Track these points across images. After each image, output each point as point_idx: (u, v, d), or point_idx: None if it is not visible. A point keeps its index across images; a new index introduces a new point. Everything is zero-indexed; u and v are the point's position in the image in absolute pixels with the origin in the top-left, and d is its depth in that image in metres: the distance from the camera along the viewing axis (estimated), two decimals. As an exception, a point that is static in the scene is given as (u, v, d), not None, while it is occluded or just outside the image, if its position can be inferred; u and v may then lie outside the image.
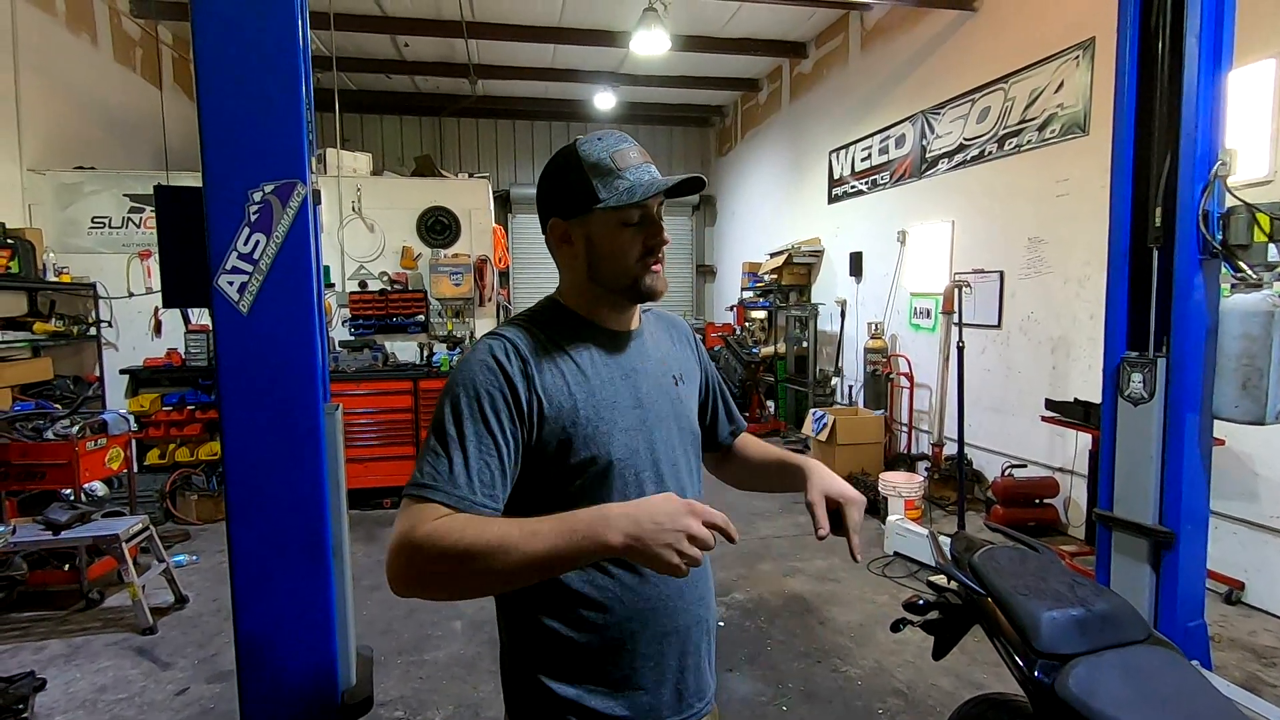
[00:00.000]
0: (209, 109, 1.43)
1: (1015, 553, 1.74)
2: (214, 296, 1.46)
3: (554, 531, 0.88)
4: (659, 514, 0.86)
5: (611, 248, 1.09)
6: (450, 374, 1.06)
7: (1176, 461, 2.61)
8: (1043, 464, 4.92)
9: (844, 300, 7.57)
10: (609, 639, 1.08)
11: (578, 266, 1.13)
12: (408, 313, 6.17)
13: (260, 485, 1.52)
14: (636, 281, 1.11)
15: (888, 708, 2.80)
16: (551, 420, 1.04)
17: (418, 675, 3.10)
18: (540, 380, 1.05)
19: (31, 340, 5.09)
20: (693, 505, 0.88)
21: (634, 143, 1.11)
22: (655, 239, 1.10)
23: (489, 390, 1.01)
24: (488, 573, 0.89)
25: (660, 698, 1.11)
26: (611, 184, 1.05)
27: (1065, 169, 4.70)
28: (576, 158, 1.08)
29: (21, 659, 3.24)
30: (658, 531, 0.85)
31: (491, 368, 1.03)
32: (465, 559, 0.88)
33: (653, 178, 1.08)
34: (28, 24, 5.53)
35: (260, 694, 1.57)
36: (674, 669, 1.12)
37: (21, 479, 3.77)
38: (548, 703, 1.08)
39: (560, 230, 1.12)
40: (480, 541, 0.88)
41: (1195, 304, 2.56)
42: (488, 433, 1.00)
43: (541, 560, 0.88)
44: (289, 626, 1.56)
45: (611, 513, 0.88)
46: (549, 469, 1.06)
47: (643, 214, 1.09)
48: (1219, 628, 3.42)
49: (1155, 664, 1.40)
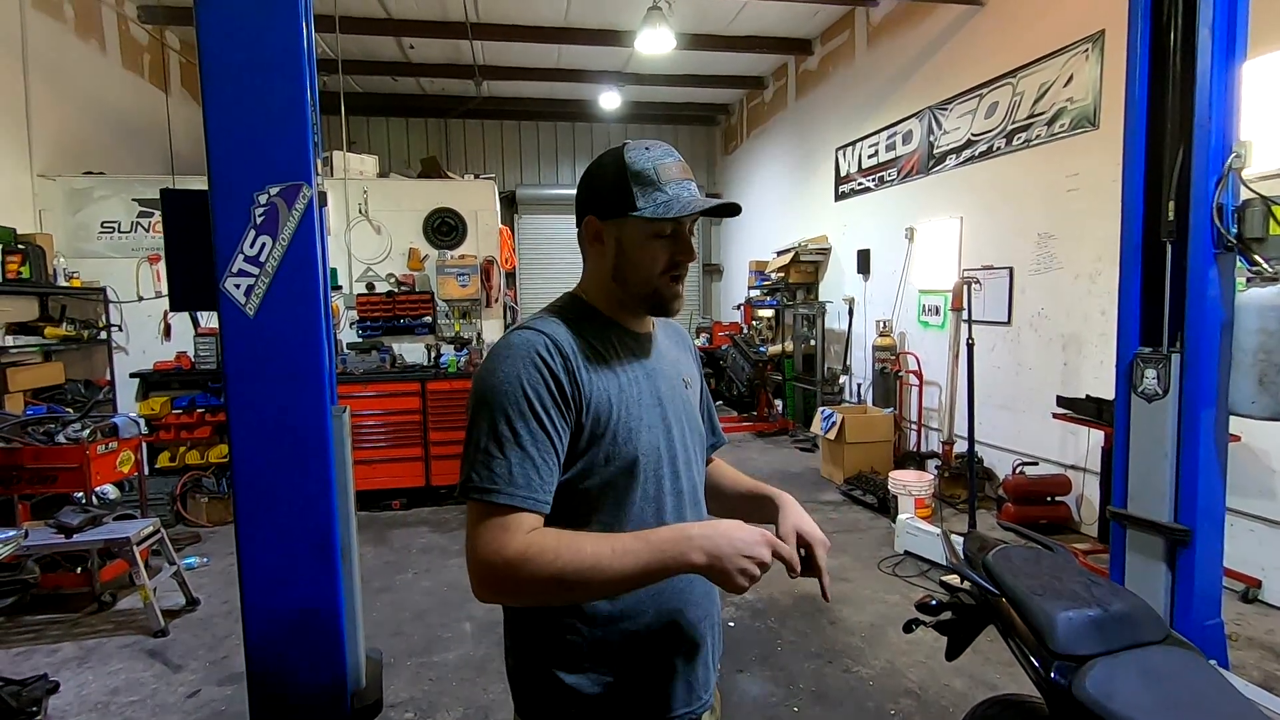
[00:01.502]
0: (214, 113, 1.43)
1: (1030, 552, 1.72)
2: (221, 299, 1.46)
3: (645, 551, 0.94)
4: (738, 540, 0.94)
5: (639, 256, 1.11)
6: (488, 371, 1.04)
7: (1192, 458, 2.58)
8: (1055, 461, 4.88)
9: (852, 298, 7.54)
10: (623, 633, 1.09)
11: (604, 266, 1.14)
12: (415, 314, 6.18)
13: (268, 487, 1.52)
14: (657, 292, 1.13)
15: (900, 708, 2.77)
16: (589, 414, 1.06)
17: (428, 677, 3.10)
18: (580, 375, 1.05)
19: (43, 345, 5.13)
20: (768, 537, 0.97)
21: (679, 157, 1.13)
22: (683, 255, 1.12)
23: (536, 387, 1.01)
24: (582, 591, 0.98)
25: (672, 690, 1.12)
26: (651, 194, 1.07)
27: (1075, 164, 4.66)
28: (622, 162, 1.09)
29: (35, 662, 3.26)
30: (735, 556, 0.93)
31: (537, 364, 1.03)
32: (562, 582, 0.94)
33: (691, 195, 1.10)
34: (37, 31, 5.57)
35: (269, 697, 1.57)
36: (684, 662, 1.14)
37: (34, 482, 3.79)
38: (561, 696, 1.08)
39: (594, 229, 1.14)
40: (575, 565, 0.94)
41: (1210, 299, 2.53)
42: (541, 430, 1.01)
43: (632, 579, 0.95)
44: (298, 628, 1.56)
45: (694, 533, 0.96)
46: (578, 460, 1.07)
47: (675, 229, 1.11)
48: (1236, 626, 3.38)
49: (1174, 665, 1.38)
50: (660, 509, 1.12)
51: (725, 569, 0.93)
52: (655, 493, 1.11)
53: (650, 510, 1.11)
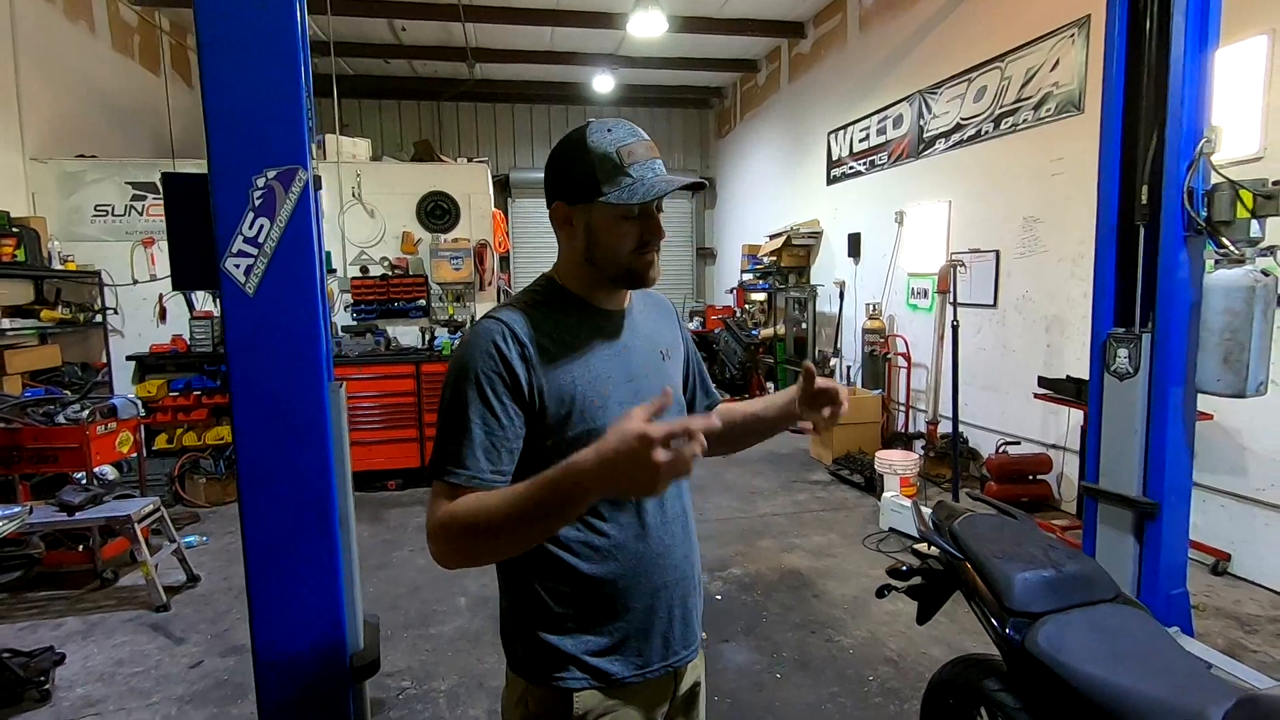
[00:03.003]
0: (213, 99, 1.48)
1: (994, 519, 1.81)
2: (222, 279, 1.52)
3: (538, 491, 0.93)
4: (614, 435, 0.87)
5: (609, 238, 1.14)
6: (453, 359, 1.12)
7: (1160, 434, 2.67)
8: (1037, 441, 4.99)
9: (843, 281, 7.61)
10: (603, 594, 1.16)
11: (576, 249, 1.18)
12: (409, 297, 6.24)
13: (269, 459, 1.59)
14: (629, 269, 1.16)
15: (879, 675, 2.89)
16: (551, 396, 1.11)
17: (424, 648, 3.20)
18: (539, 361, 1.11)
19: (39, 328, 5.17)
20: (643, 434, 0.84)
21: (642, 136, 1.14)
22: (652, 234, 1.15)
23: (489, 375, 1.08)
24: (503, 538, 1.00)
25: (650, 646, 1.19)
26: (616, 179, 1.09)
27: (1060, 148, 4.72)
28: (585, 146, 1.11)
29: (40, 635, 3.34)
30: (624, 469, 0.86)
31: (491, 354, 1.08)
32: (480, 532, 0.99)
33: (656, 175, 1.11)
34: (26, 12, 5.54)
35: (273, 658, 1.65)
36: (663, 620, 1.20)
37: (34, 462, 3.86)
38: (547, 655, 1.16)
39: (564, 214, 1.17)
40: (485, 518, 0.99)
41: (1179, 280, 2.61)
42: (492, 415, 1.07)
43: (531, 516, 0.95)
44: (299, 593, 1.64)
45: (579, 460, 0.90)
46: (550, 438, 1.12)
47: (643, 210, 1.13)
48: (1205, 597, 3.50)
49: (1122, 621, 1.47)
50: None
51: (623, 476, 0.86)
52: None
53: None
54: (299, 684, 1.65)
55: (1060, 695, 1.38)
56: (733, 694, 2.77)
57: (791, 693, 2.78)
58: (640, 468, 0.84)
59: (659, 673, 1.20)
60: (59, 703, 2.83)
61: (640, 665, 1.18)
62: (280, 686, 1.66)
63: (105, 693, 2.90)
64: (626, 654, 1.17)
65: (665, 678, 1.23)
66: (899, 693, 2.74)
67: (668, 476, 0.85)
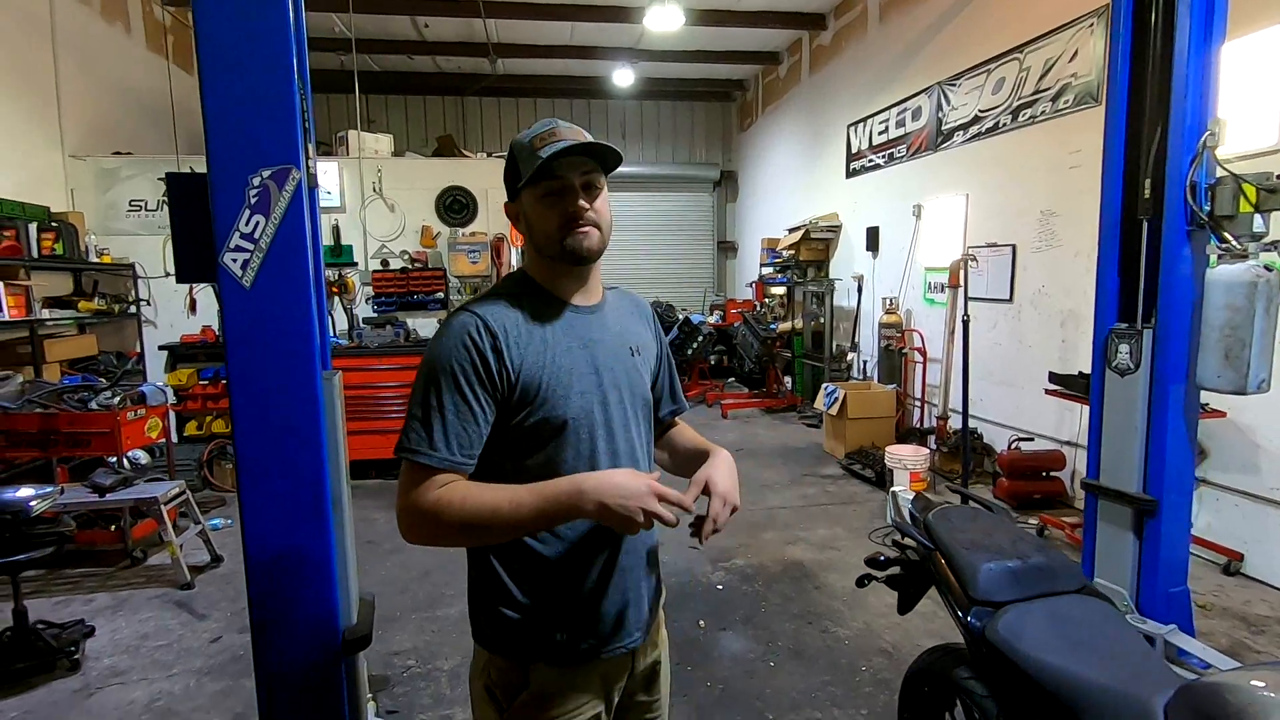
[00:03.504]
0: (211, 101, 1.57)
1: (967, 511, 1.83)
2: (220, 272, 1.61)
3: (539, 502, 1.08)
4: (622, 488, 1.07)
5: (538, 221, 1.21)
6: (428, 349, 1.19)
7: (1161, 431, 2.65)
8: (1051, 437, 4.93)
9: (861, 275, 7.56)
10: (557, 575, 1.22)
11: (526, 240, 1.27)
12: (428, 290, 6.37)
13: (265, 443, 1.68)
14: (563, 245, 1.20)
15: (872, 666, 2.92)
16: (518, 384, 1.17)
17: (430, 630, 3.31)
18: (508, 351, 1.17)
19: (77, 318, 5.40)
20: (653, 486, 1.07)
21: (563, 124, 1.20)
22: (571, 205, 1.18)
23: (462, 364, 1.14)
24: (486, 534, 1.14)
25: (603, 626, 1.24)
26: (530, 163, 1.17)
27: (1078, 140, 4.64)
28: (513, 147, 1.23)
29: (73, 609, 3.54)
30: (621, 502, 1.05)
31: (465, 344, 1.15)
32: (467, 528, 1.11)
33: (557, 148, 1.15)
34: (65, 14, 5.77)
35: (271, 635, 1.75)
36: (615, 602, 1.25)
37: (70, 446, 4.06)
38: (507, 629, 1.22)
39: (511, 212, 1.28)
40: (476, 514, 1.09)
41: (1182, 275, 2.58)
42: (464, 402, 1.14)
43: (529, 525, 1.11)
44: (294, 569, 1.73)
45: (585, 486, 1.08)
46: (513, 423, 1.19)
47: (561, 186, 1.18)
48: (1214, 597, 3.45)
49: (1082, 611, 1.49)
50: (595, 467, 1.21)
51: (614, 515, 1.05)
52: (589, 453, 1.21)
53: (584, 468, 1.20)
54: (292, 656, 1.75)
55: (1016, 681, 1.41)
56: (725, 681, 2.83)
57: (783, 680, 2.82)
58: (632, 523, 1.06)
59: (612, 653, 1.26)
60: (88, 671, 3.00)
61: (594, 645, 1.24)
62: (276, 659, 1.76)
63: (130, 664, 3.06)
64: (579, 632, 1.23)
65: (624, 658, 1.29)
66: (890, 684, 2.77)
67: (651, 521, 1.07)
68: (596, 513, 1.07)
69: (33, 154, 5.49)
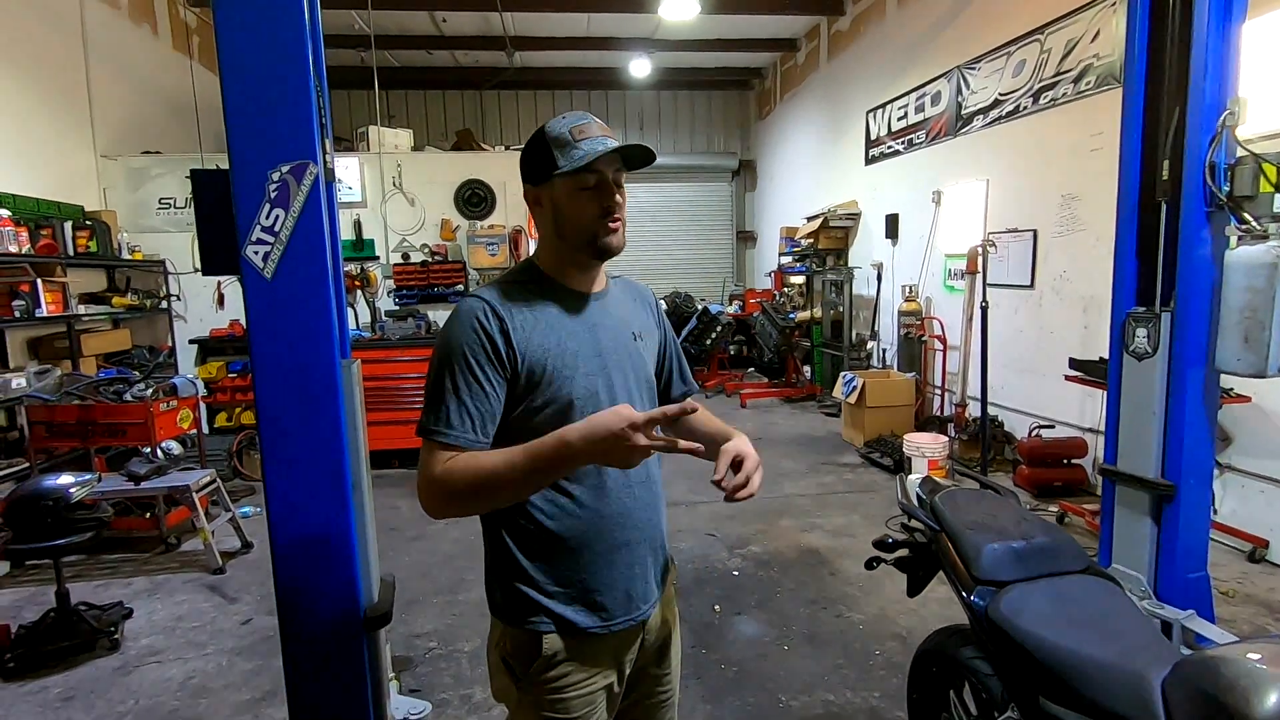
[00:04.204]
0: (231, 100, 1.63)
1: (974, 493, 1.84)
2: (243, 264, 1.68)
3: (532, 460, 1.10)
4: (602, 426, 1.04)
5: (571, 209, 1.25)
6: (440, 334, 1.25)
7: (1179, 415, 2.62)
8: (1073, 425, 4.88)
9: (880, 263, 7.50)
10: (567, 549, 1.27)
11: (547, 227, 1.30)
12: (448, 282, 6.46)
13: (288, 429, 1.75)
14: (595, 238, 1.26)
15: (885, 650, 2.94)
16: (525, 365, 1.22)
17: (451, 613, 3.40)
18: (515, 334, 1.22)
19: (111, 313, 5.58)
20: (631, 419, 1.03)
21: (597, 120, 1.26)
22: (610, 200, 1.24)
23: (472, 346, 1.20)
24: (491, 497, 1.16)
25: (613, 599, 1.29)
26: (568, 153, 1.21)
27: (1100, 121, 4.56)
28: (543, 133, 1.25)
29: (112, 592, 3.68)
30: (607, 438, 1.04)
31: (475, 328, 1.20)
32: (472, 493, 1.14)
33: (605, 147, 1.21)
34: (94, 17, 5.93)
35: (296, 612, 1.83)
36: (624, 576, 1.30)
37: (106, 436, 4.21)
38: (520, 602, 1.28)
39: (532, 195, 1.30)
40: (476, 479, 1.13)
41: (1201, 257, 2.54)
42: (475, 382, 1.19)
43: (530, 481, 1.13)
44: (316, 551, 1.81)
45: (570, 437, 1.07)
46: (522, 403, 1.24)
47: (599, 180, 1.23)
48: (1238, 584, 3.41)
49: (1085, 591, 1.50)
50: None
51: (607, 453, 1.05)
52: None
53: None
54: (317, 633, 1.82)
55: (1018, 659, 1.43)
56: (739, 663, 2.87)
57: (797, 663, 2.86)
58: (621, 448, 1.04)
59: (623, 624, 1.30)
60: (126, 651, 3.13)
61: (605, 618, 1.29)
62: (301, 636, 1.84)
63: (166, 644, 3.19)
64: (589, 605, 1.28)
65: (634, 630, 1.34)
66: (903, 667, 2.76)
67: (641, 455, 1.05)
68: (588, 456, 1.06)
69: (67, 155, 5.66)
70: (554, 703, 1.26)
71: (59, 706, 2.75)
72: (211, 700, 2.77)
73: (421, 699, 2.68)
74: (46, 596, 3.41)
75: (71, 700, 2.78)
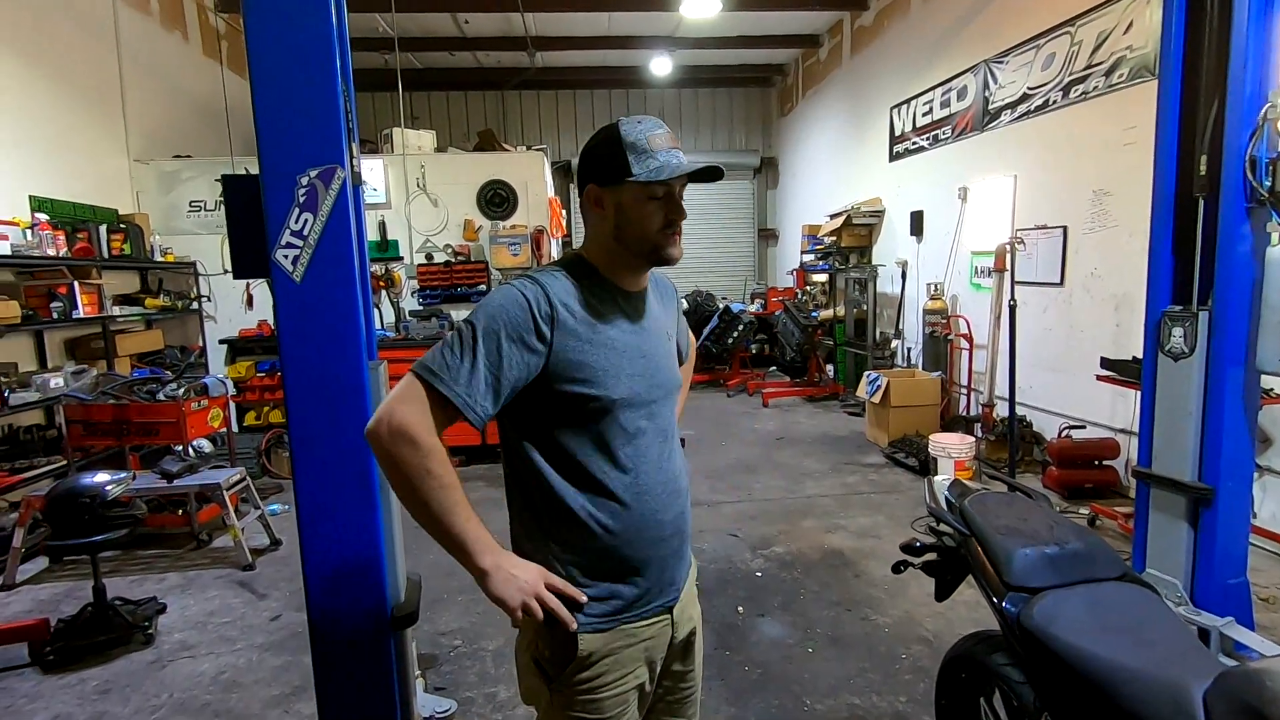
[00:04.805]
0: (261, 106, 1.66)
1: (1004, 497, 1.81)
2: (272, 268, 1.70)
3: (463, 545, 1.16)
4: (509, 586, 1.17)
5: (637, 216, 1.26)
6: (485, 299, 1.24)
7: (1217, 417, 2.56)
8: (1104, 425, 4.78)
9: (904, 261, 7.41)
10: (605, 552, 1.28)
11: (605, 229, 1.30)
12: (471, 282, 6.51)
13: (316, 430, 1.77)
14: (657, 248, 1.28)
15: (911, 653, 2.90)
16: (566, 358, 1.22)
17: (475, 611, 3.42)
18: (563, 326, 1.22)
19: (144, 314, 5.71)
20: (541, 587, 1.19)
21: (667, 129, 1.28)
22: (676, 213, 1.28)
23: (512, 323, 1.19)
24: (413, 511, 1.17)
25: (654, 583, 1.32)
26: (644, 162, 1.22)
27: (1133, 116, 4.45)
28: (617, 135, 1.24)
29: (146, 588, 3.77)
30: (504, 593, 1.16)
31: (523, 306, 1.20)
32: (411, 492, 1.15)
33: (679, 162, 1.24)
34: (127, 24, 6.06)
35: (323, 608, 1.85)
36: (660, 562, 1.32)
37: (140, 434, 4.31)
38: None
39: (595, 195, 1.29)
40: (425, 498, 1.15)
41: (1241, 254, 2.48)
42: (499, 354, 1.18)
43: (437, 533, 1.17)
44: (345, 553, 1.83)
45: (501, 563, 1.18)
46: (563, 398, 1.23)
47: (667, 191, 1.26)
48: (1279, 590, 3.31)
49: (1121, 598, 1.47)
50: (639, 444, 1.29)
51: (499, 585, 1.16)
52: (635, 430, 1.28)
53: (629, 446, 1.27)
54: (345, 632, 1.85)
55: (1051, 667, 1.40)
56: (763, 665, 2.85)
57: (821, 666, 2.83)
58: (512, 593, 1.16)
59: (656, 610, 1.33)
60: (160, 645, 3.20)
61: (641, 608, 1.31)
62: (330, 636, 1.86)
63: (199, 639, 3.25)
64: (626, 599, 1.29)
65: (664, 625, 1.35)
66: (930, 672, 2.75)
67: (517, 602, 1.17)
68: (488, 574, 1.16)
69: (101, 159, 5.80)
70: (587, 703, 1.27)
71: (96, 699, 2.82)
72: (242, 695, 2.82)
73: (447, 697, 2.71)
74: (84, 591, 3.50)
75: (108, 693, 2.85)
